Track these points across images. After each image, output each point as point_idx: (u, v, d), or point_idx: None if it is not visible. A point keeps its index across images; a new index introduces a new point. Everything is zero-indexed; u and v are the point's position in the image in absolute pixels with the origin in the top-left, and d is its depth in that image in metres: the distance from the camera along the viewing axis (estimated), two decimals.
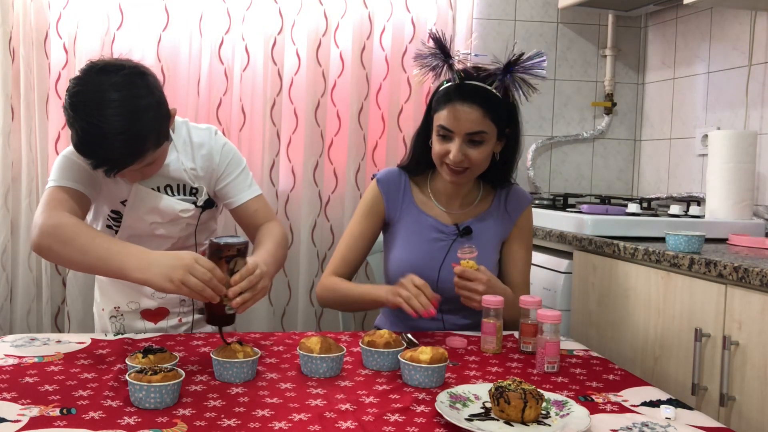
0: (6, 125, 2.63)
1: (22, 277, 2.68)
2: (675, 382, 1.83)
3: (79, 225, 1.52)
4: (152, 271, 1.40)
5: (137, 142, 1.48)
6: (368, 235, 1.92)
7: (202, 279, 1.38)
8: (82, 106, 1.46)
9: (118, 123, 1.44)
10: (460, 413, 1.18)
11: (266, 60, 2.81)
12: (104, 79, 1.47)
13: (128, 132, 1.45)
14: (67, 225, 1.50)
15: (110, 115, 1.44)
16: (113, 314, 1.80)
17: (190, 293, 1.40)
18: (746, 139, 2.32)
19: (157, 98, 1.53)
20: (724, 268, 1.66)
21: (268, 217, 1.83)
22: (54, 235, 1.50)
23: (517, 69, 1.74)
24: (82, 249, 1.47)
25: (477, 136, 1.75)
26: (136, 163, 1.52)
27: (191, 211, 1.72)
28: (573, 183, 3.22)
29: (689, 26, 2.89)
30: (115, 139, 1.45)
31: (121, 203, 1.70)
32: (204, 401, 1.22)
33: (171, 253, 1.43)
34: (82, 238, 1.48)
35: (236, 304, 1.44)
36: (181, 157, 1.70)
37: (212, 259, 1.44)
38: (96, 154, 1.48)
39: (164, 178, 1.70)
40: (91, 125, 1.45)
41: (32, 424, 1.11)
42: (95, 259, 1.46)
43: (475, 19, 3.04)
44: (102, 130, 1.44)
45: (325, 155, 2.90)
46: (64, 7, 2.69)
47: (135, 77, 1.51)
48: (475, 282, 1.68)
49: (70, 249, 1.48)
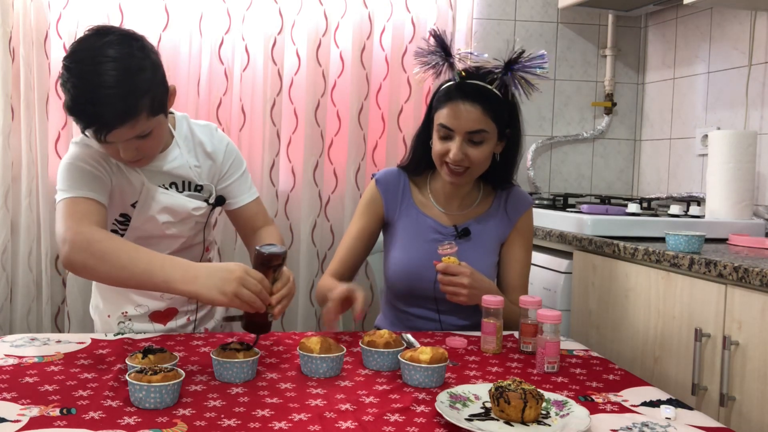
0: (6, 125, 2.63)
1: (22, 277, 2.68)
2: (675, 382, 1.83)
3: (114, 239, 1.50)
4: (201, 283, 1.40)
5: (130, 99, 1.44)
6: (366, 234, 1.92)
7: (254, 291, 1.40)
8: (76, 64, 1.45)
9: (111, 78, 1.42)
10: (460, 413, 1.18)
11: (266, 60, 2.81)
12: (100, 38, 1.47)
13: (121, 87, 1.43)
14: (101, 240, 1.48)
15: (104, 71, 1.42)
16: (121, 320, 1.78)
17: (241, 305, 1.41)
18: (746, 139, 2.32)
19: (153, 61, 1.51)
20: (724, 268, 1.66)
21: (266, 220, 1.85)
22: (88, 251, 1.47)
23: (518, 67, 1.73)
24: (121, 264, 1.45)
25: (477, 135, 1.75)
26: (128, 125, 1.46)
27: (203, 208, 1.72)
28: (573, 183, 3.22)
29: (689, 26, 2.89)
30: (107, 93, 1.42)
31: (131, 206, 1.67)
32: (204, 401, 1.22)
33: (220, 266, 1.43)
34: (121, 253, 1.46)
35: (277, 312, 1.47)
36: (184, 153, 1.70)
37: (260, 269, 1.46)
38: (87, 111, 1.45)
39: (168, 176, 1.69)
40: (83, 81, 1.43)
41: (32, 424, 1.10)
42: (138, 273, 1.44)
43: (475, 19, 3.04)
44: (94, 85, 1.42)
45: (325, 155, 2.90)
46: (64, 7, 2.69)
47: (131, 39, 1.50)
48: (460, 276, 1.68)
49: (108, 266, 1.46)
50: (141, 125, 1.49)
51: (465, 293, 1.68)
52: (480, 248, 1.86)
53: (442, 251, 1.70)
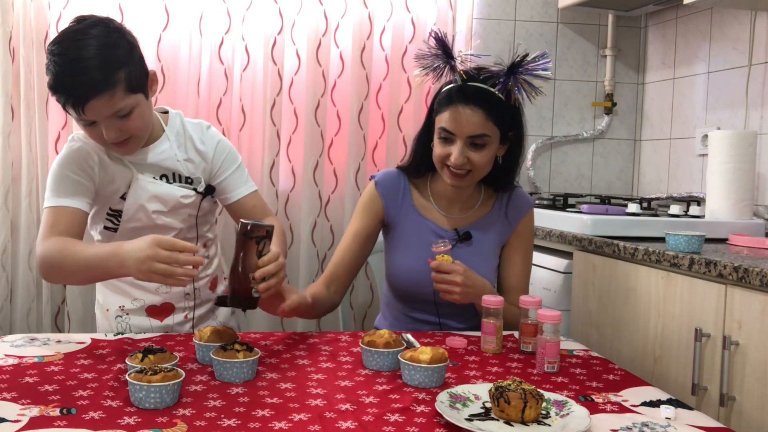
0: (6, 125, 2.63)
1: (22, 277, 2.68)
2: (675, 382, 1.83)
3: (69, 247, 1.57)
4: (129, 266, 1.44)
5: (105, 69, 1.52)
6: (365, 235, 1.89)
7: (166, 260, 1.39)
8: (58, 45, 1.55)
9: (90, 51, 1.52)
10: (460, 413, 1.17)
11: (266, 60, 2.81)
12: (80, 24, 1.58)
13: (97, 58, 1.51)
14: (60, 250, 1.57)
15: (83, 46, 1.52)
16: (118, 314, 1.80)
17: (162, 280, 1.41)
18: (746, 139, 2.32)
19: (128, 41, 1.60)
20: (724, 268, 1.66)
21: (266, 213, 1.86)
22: (49, 265, 1.58)
23: (521, 71, 1.70)
24: (78, 269, 1.55)
25: (479, 139, 1.73)
26: (105, 97, 1.52)
27: (192, 197, 1.74)
28: (573, 183, 3.22)
29: (689, 26, 2.89)
30: (85, 65, 1.51)
31: (121, 198, 1.71)
32: (204, 401, 1.22)
33: (135, 245, 1.44)
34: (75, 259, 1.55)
35: (263, 288, 1.46)
36: (173, 146, 1.73)
37: (242, 239, 1.44)
38: (66, 83, 1.53)
39: (158, 168, 1.72)
40: (64, 57, 1.53)
41: (32, 424, 1.10)
42: (95, 272, 1.56)
43: (475, 19, 3.04)
44: (74, 58, 1.52)
45: (325, 155, 2.90)
46: (64, 7, 2.69)
47: (107, 21, 1.60)
48: (453, 274, 1.68)
49: (68, 273, 1.59)
50: (118, 100, 1.55)
51: (458, 291, 1.68)
52: (481, 252, 1.85)
53: (435, 249, 1.70)
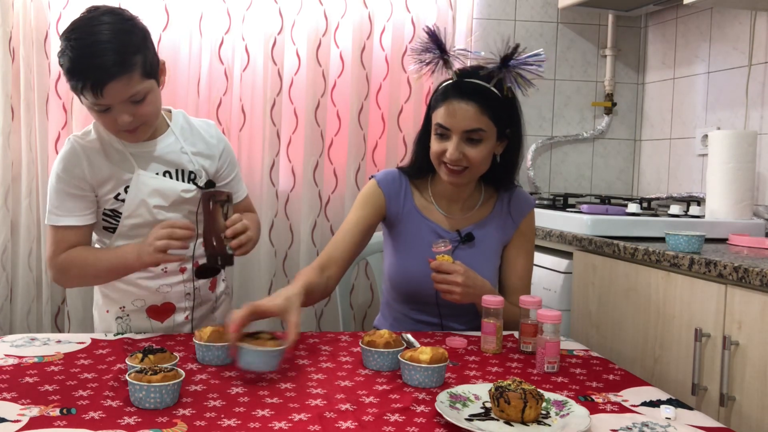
0: (6, 125, 2.63)
1: (22, 277, 2.68)
2: (675, 382, 1.83)
3: (82, 256, 1.70)
4: (142, 254, 1.62)
5: (123, 52, 1.55)
6: (366, 224, 1.85)
7: (164, 236, 1.59)
8: (72, 32, 1.58)
9: (106, 35, 1.55)
10: (460, 413, 1.18)
11: (266, 60, 2.81)
12: (92, 13, 1.61)
13: (115, 42, 1.55)
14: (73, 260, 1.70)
15: (99, 31, 1.56)
16: (119, 315, 1.79)
17: (165, 250, 1.59)
18: (746, 139, 2.32)
19: (141, 29, 1.63)
20: (724, 268, 1.66)
21: (251, 210, 1.99)
22: (67, 275, 1.74)
23: (514, 63, 1.70)
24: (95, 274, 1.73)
25: (474, 134, 1.72)
26: (124, 80, 1.54)
27: (193, 191, 1.75)
28: (573, 183, 3.22)
29: (689, 26, 2.89)
30: (104, 47, 1.54)
31: (115, 198, 1.71)
32: (204, 401, 1.22)
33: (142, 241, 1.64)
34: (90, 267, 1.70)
35: (235, 245, 1.61)
36: (179, 140, 1.76)
37: (207, 205, 1.62)
38: (84, 65, 1.54)
39: (163, 161, 1.73)
40: (81, 41, 1.55)
41: (32, 424, 1.11)
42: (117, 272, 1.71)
43: (475, 19, 3.04)
44: (91, 42, 1.55)
45: (325, 155, 2.90)
46: (64, 7, 2.69)
47: (120, 10, 1.64)
48: (453, 274, 1.68)
49: (86, 278, 1.78)
50: (135, 84, 1.57)
51: (459, 291, 1.68)
52: (483, 253, 1.85)
53: (436, 249, 1.70)
